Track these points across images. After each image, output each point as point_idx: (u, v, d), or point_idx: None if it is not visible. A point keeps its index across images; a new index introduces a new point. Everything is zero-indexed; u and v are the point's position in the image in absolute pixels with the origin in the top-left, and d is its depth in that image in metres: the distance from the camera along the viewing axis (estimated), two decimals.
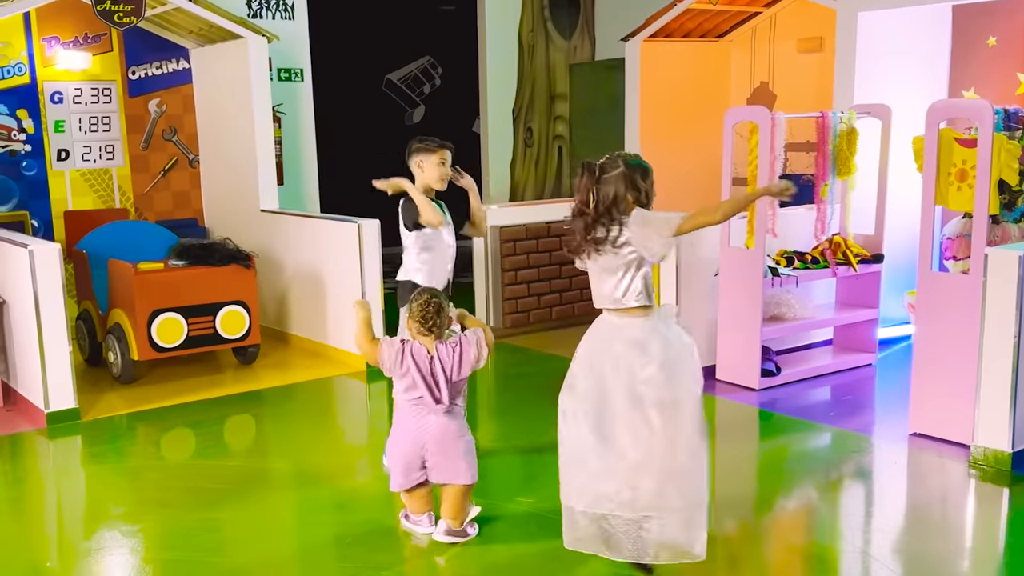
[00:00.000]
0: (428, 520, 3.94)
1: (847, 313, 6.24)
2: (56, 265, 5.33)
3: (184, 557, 3.80)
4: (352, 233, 6.34)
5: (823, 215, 6.02)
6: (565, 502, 3.57)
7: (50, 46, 7.35)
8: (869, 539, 4.01)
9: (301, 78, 8.28)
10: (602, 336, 3.55)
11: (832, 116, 5.93)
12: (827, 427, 5.27)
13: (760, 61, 8.01)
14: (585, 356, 3.56)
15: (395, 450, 3.87)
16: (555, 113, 9.74)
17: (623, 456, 3.43)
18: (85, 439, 5.30)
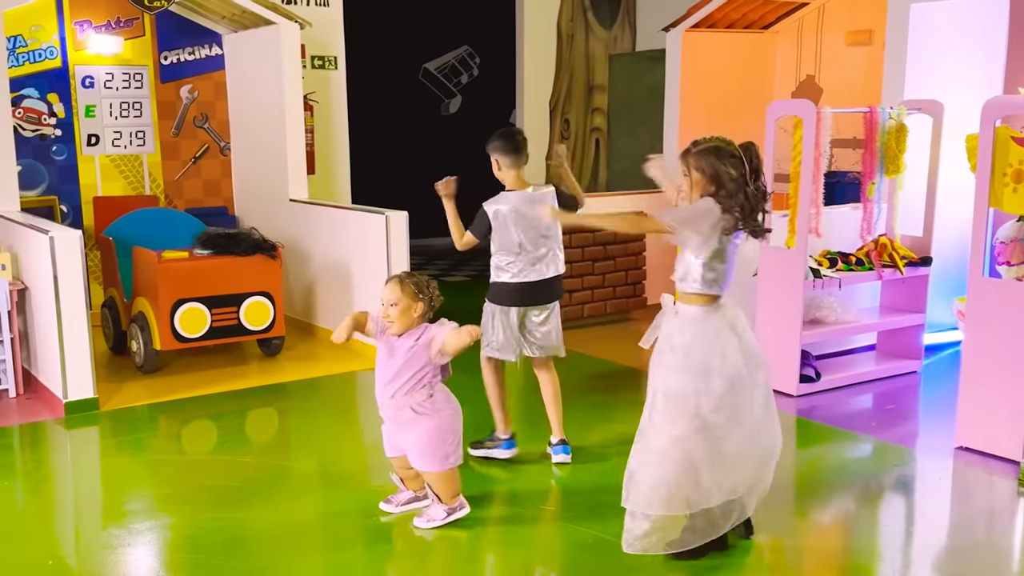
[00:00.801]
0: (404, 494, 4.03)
1: (892, 318, 5.98)
2: (77, 252, 5.25)
3: (198, 559, 3.68)
4: (380, 225, 6.20)
5: (869, 215, 5.76)
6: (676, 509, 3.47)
7: (82, 30, 7.28)
8: (909, 560, 3.79)
9: (335, 66, 8.16)
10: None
11: (881, 112, 5.67)
12: (868, 437, 5.03)
13: (806, 54, 7.75)
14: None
15: (453, 429, 3.92)
16: (593, 105, 9.54)
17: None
18: (103, 430, 5.22)
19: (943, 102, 5.84)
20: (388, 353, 3.83)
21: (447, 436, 3.83)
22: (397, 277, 3.85)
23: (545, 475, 4.54)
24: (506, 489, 4.40)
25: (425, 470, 3.85)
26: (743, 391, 3.53)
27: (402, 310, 3.76)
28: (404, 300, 3.76)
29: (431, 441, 3.81)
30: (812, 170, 5.31)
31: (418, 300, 3.78)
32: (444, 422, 3.83)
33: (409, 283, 3.79)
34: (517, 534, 3.90)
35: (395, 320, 3.77)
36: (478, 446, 4.65)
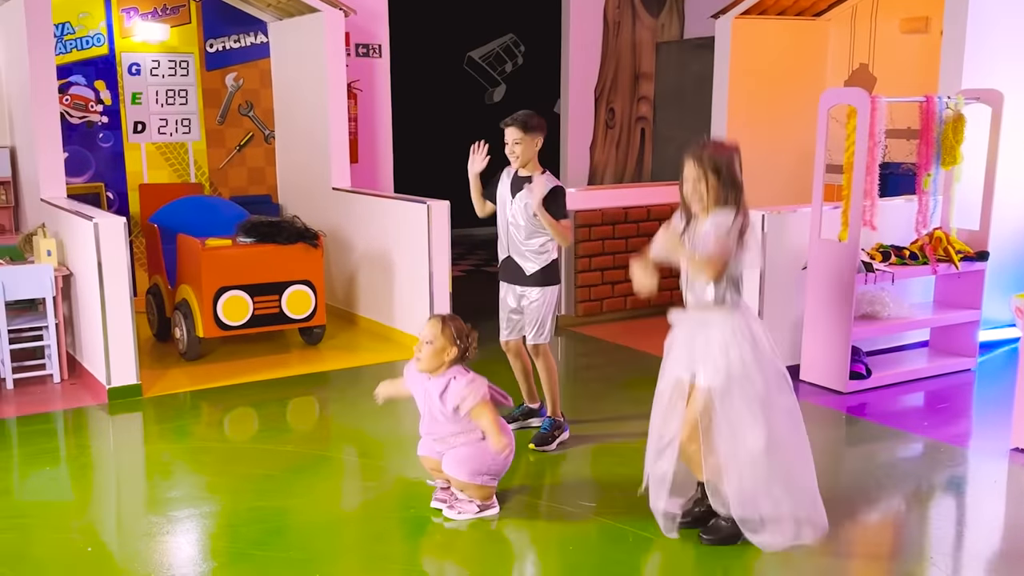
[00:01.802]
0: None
1: (946, 314, 5.80)
2: (121, 239, 5.27)
3: (237, 549, 3.67)
4: (421, 214, 6.15)
5: (924, 208, 5.58)
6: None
7: (129, 17, 7.32)
8: (959, 564, 3.66)
9: (379, 54, 8.12)
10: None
11: (938, 101, 5.49)
12: (919, 437, 4.88)
13: (860, 41, 7.54)
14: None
15: (499, 465, 3.93)
16: (639, 93, 9.40)
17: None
18: (146, 416, 5.24)
19: (1003, 91, 5.65)
20: (422, 396, 3.86)
21: (484, 460, 3.81)
22: (440, 318, 3.84)
23: (585, 470, 4.47)
24: (546, 484, 4.34)
25: (457, 478, 3.83)
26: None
27: (436, 350, 3.76)
28: (440, 341, 3.76)
29: (468, 458, 3.81)
30: (866, 161, 5.15)
31: (454, 345, 3.76)
32: (484, 451, 3.81)
33: (450, 327, 3.78)
34: (555, 530, 3.84)
35: (425, 358, 3.78)
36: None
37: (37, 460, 4.64)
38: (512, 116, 4.49)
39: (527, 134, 4.44)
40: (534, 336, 4.60)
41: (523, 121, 4.45)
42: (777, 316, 5.56)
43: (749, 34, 7.50)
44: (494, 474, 3.89)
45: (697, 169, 3.45)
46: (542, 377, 4.68)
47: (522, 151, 4.45)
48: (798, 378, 5.59)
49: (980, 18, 5.98)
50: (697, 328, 3.56)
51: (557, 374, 4.70)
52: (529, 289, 4.56)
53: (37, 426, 5.08)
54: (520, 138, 4.44)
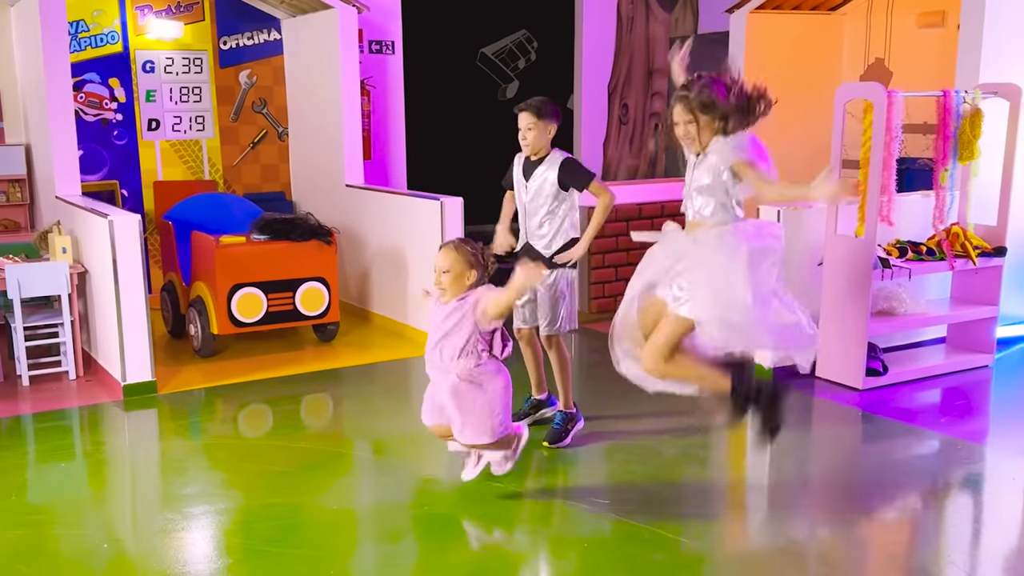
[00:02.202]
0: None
1: (963, 310, 5.76)
2: (136, 236, 5.28)
3: (251, 546, 3.68)
4: (434, 211, 6.14)
5: (941, 203, 5.54)
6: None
7: (142, 15, 7.34)
8: (976, 562, 3.63)
9: (392, 50, 8.11)
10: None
11: (955, 96, 5.44)
12: (936, 434, 4.85)
13: (876, 36, 7.48)
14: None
15: (501, 400, 3.87)
16: (653, 89, 9.36)
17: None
18: (161, 413, 5.26)
19: (1021, 86, 5.59)
20: (438, 316, 3.78)
21: (494, 409, 3.75)
22: (451, 243, 3.79)
23: (600, 468, 4.46)
24: (561, 481, 4.33)
25: (477, 442, 3.78)
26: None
27: (455, 276, 3.71)
28: (457, 266, 3.71)
29: (476, 414, 3.73)
30: (883, 156, 5.12)
31: (471, 268, 3.71)
32: (488, 396, 3.74)
33: (464, 249, 3.73)
34: (571, 528, 3.83)
35: (447, 287, 3.73)
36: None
37: (53, 456, 4.66)
38: (526, 102, 4.47)
39: (540, 120, 4.42)
40: (547, 326, 4.56)
41: (537, 107, 4.43)
42: None
43: (764, 29, 7.46)
44: (505, 413, 3.81)
45: (684, 113, 3.70)
46: (555, 368, 4.65)
47: (534, 137, 4.44)
48: (814, 375, 5.57)
49: (998, 12, 5.92)
50: (687, 246, 3.69)
51: (571, 367, 4.68)
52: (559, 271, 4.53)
53: (53, 422, 5.10)
54: (533, 123, 4.42)
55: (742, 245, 3.66)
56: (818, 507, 4.08)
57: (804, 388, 5.45)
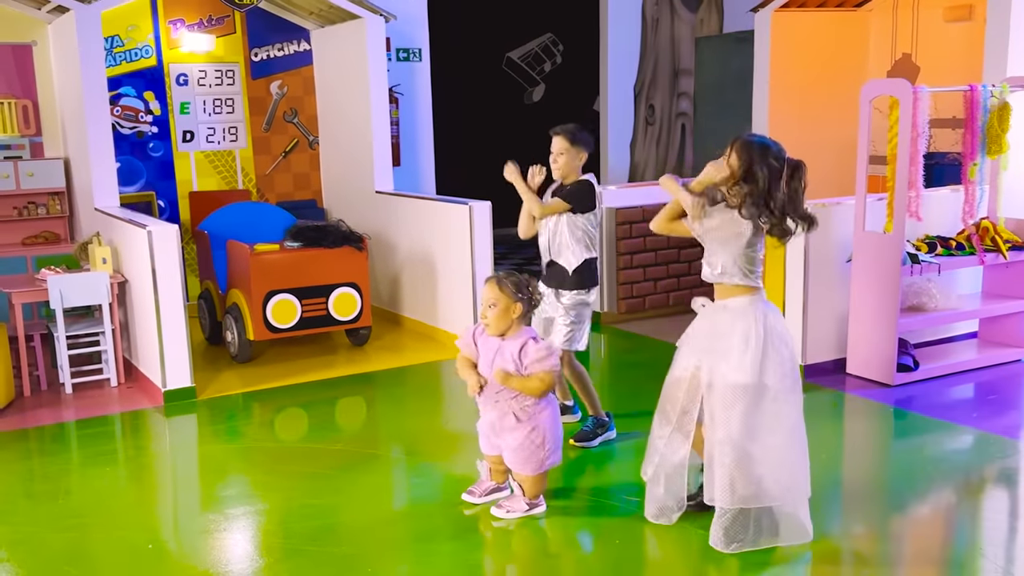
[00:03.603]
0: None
1: (995, 304, 5.74)
2: (174, 246, 5.40)
3: (290, 545, 3.76)
4: (463, 215, 6.22)
5: (971, 197, 5.53)
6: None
7: (175, 29, 7.49)
8: (1012, 556, 3.64)
9: (419, 58, 8.21)
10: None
11: (982, 90, 5.43)
12: (969, 429, 4.84)
13: (902, 31, 7.47)
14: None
15: (552, 433, 3.94)
16: (679, 89, 9.39)
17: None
18: (201, 418, 5.37)
19: None
20: (488, 350, 3.84)
21: (546, 442, 3.85)
22: (495, 278, 3.84)
23: (628, 466, 4.49)
24: (590, 480, 4.38)
25: (521, 472, 3.88)
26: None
27: (501, 311, 3.77)
28: (503, 301, 3.77)
29: (530, 447, 3.83)
30: (910, 151, 5.12)
31: (517, 301, 3.78)
32: (542, 427, 3.84)
33: (508, 283, 3.79)
34: (601, 525, 3.87)
35: (492, 322, 3.79)
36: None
37: (96, 461, 4.78)
38: (562, 126, 4.53)
39: (573, 146, 4.49)
40: (561, 341, 4.59)
41: (572, 133, 4.50)
42: (823, 309, 5.54)
43: (789, 27, 7.47)
44: (556, 444, 3.88)
45: (729, 148, 3.49)
46: (575, 384, 4.72)
47: (564, 162, 4.50)
48: (845, 371, 5.58)
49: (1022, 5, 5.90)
50: (717, 316, 3.57)
51: (587, 377, 4.71)
52: (564, 292, 4.59)
53: (96, 429, 5.23)
54: (565, 149, 4.48)
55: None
56: (851, 503, 4.10)
57: (835, 384, 5.46)
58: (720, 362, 3.49)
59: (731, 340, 3.48)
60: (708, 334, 3.57)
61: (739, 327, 3.47)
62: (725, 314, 3.52)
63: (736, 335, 3.47)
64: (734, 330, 3.48)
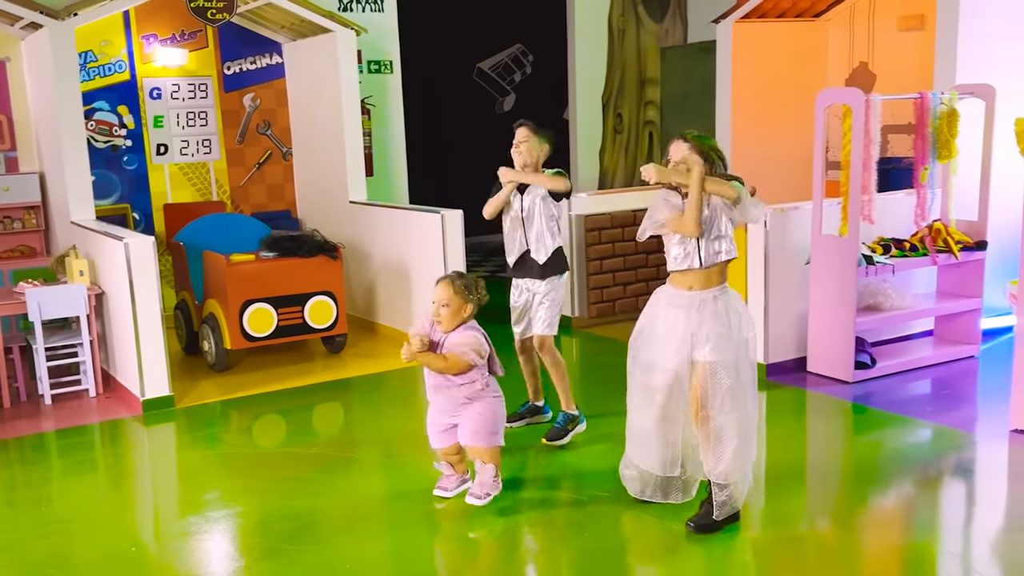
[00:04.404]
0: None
1: (948, 303, 5.96)
2: (151, 257, 5.51)
3: (271, 544, 3.88)
4: (436, 223, 6.37)
5: (923, 201, 5.76)
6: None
7: (148, 44, 7.59)
8: (967, 541, 3.82)
9: (391, 70, 8.35)
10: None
11: (932, 97, 5.65)
12: (925, 422, 5.04)
13: (859, 41, 7.71)
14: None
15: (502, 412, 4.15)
16: (645, 98, 9.59)
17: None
18: (179, 426, 5.48)
19: (997, 86, 5.80)
20: (440, 349, 4.04)
21: (496, 417, 4.09)
22: (448, 279, 4.05)
23: (599, 461, 4.65)
24: (562, 474, 4.53)
25: (474, 445, 4.06)
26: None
27: (453, 311, 4.00)
28: (456, 301, 3.98)
29: (483, 419, 4.04)
30: (863, 157, 5.33)
31: (468, 302, 3.99)
32: (494, 405, 4.08)
33: (460, 285, 4.01)
34: (572, 517, 4.03)
35: (444, 321, 4.00)
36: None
37: (77, 470, 4.88)
38: (527, 119, 4.79)
39: (535, 135, 4.69)
40: (543, 327, 4.77)
41: (534, 125, 4.75)
42: (783, 310, 5.73)
43: (750, 37, 7.68)
44: (502, 423, 4.12)
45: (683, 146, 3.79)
46: (552, 372, 4.86)
47: (526, 149, 4.70)
48: (805, 369, 5.77)
49: (972, 14, 6.13)
50: (694, 307, 3.76)
51: (564, 368, 4.89)
52: (539, 282, 4.76)
53: (75, 438, 5.32)
54: (527, 136, 4.69)
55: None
56: (813, 495, 4.27)
57: (796, 382, 5.65)
58: (707, 347, 3.71)
59: (714, 326, 3.71)
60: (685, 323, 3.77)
61: (719, 313, 3.72)
62: (710, 304, 3.74)
63: (717, 320, 3.72)
64: (716, 316, 3.72)
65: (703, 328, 3.72)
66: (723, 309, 3.73)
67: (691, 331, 3.74)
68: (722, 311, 3.73)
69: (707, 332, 3.72)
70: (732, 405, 3.72)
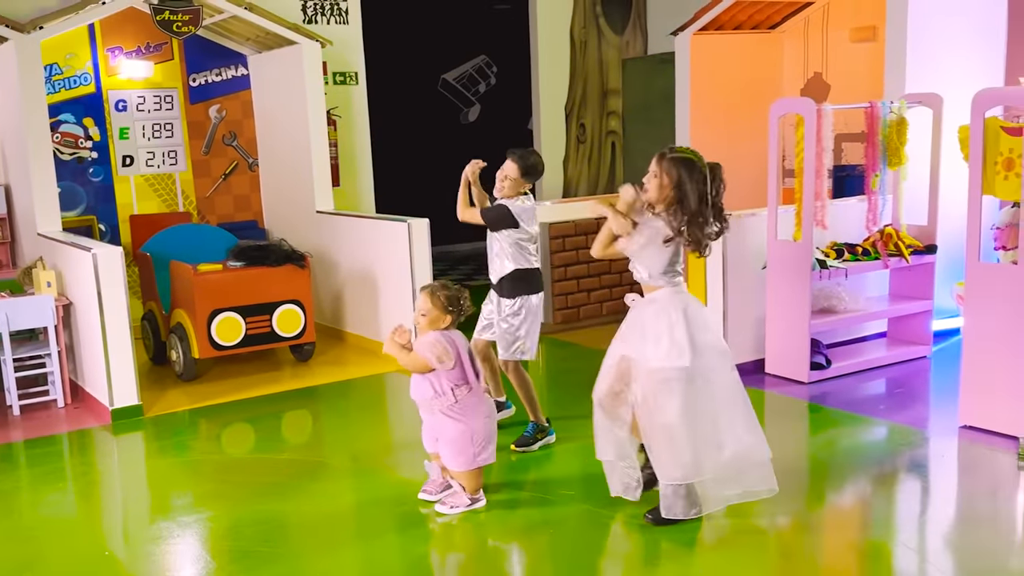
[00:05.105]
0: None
1: (900, 305, 6.16)
2: (119, 268, 5.56)
3: (242, 547, 3.95)
4: (402, 232, 6.46)
5: (874, 206, 5.95)
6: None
7: (114, 56, 7.62)
8: (921, 534, 3.98)
9: (356, 81, 8.44)
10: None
11: (881, 106, 5.85)
12: (879, 420, 5.21)
13: (813, 51, 7.92)
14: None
15: (483, 432, 4.14)
16: (608, 109, 9.75)
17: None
18: (148, 434, 5.51)
19: (946, 94, 6.02)
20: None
21: (475, 438, 4.12)
22: (430, 288, 4.13)
23: (566, 464, 4.76)
24: (530, 477, 4.64)
25: (452, 468, 4.14)
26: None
27: (431, 320, 4.08)
28: (434, 312, 4.06)
29: (458, 443, 4.11)
30: (815, 165, 5.51)
31: (447, 313, 4.07)
32: (473, 425, 4.12)
33: (441, 296, 4.09)
34: (538, 517, 4.13)
35: (422, 328, 4.08)
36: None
37: (47, 479, 4.90)
38: (521, 153, 4.79)
39: (522, 177, 4.77)
40: (504, 352, 4.87)
41: (525, 162, 4.74)
42: (741, 314, 5.89)
43: (708, 49, 7.87)
44: (485, 442, 4.14)
45: (656, 166, 3.84)
46: (518, 391, 4.95)
47: (508, 187, 4.77)
48: (763, 371, 5.93)
49: (920, 26, 6.34)
50: (643, 307, 3.91)
51: (530, 385, 4.95)
52: (504, 300, 4.87)
53: (44, 448, 5.34)
54: (514, 177, 4.74)
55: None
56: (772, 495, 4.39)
57: (756, 383, 5.81)
58: (648, 351, 3.82)
59: (658, 330, 3.82)
60: (634, 325, 3.91)
61: (663, 318, 3.82)
62: (651, 307, 3.88)
63: (661, 325, 3.81)
64: (659, 321, 3.82)
65: (637, 330, 3.88)
66: (660, 312, 3.85)
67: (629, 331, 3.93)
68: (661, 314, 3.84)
69: (640, 334, 3.87)
70: (657, 406, 3.83)
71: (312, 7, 8.16)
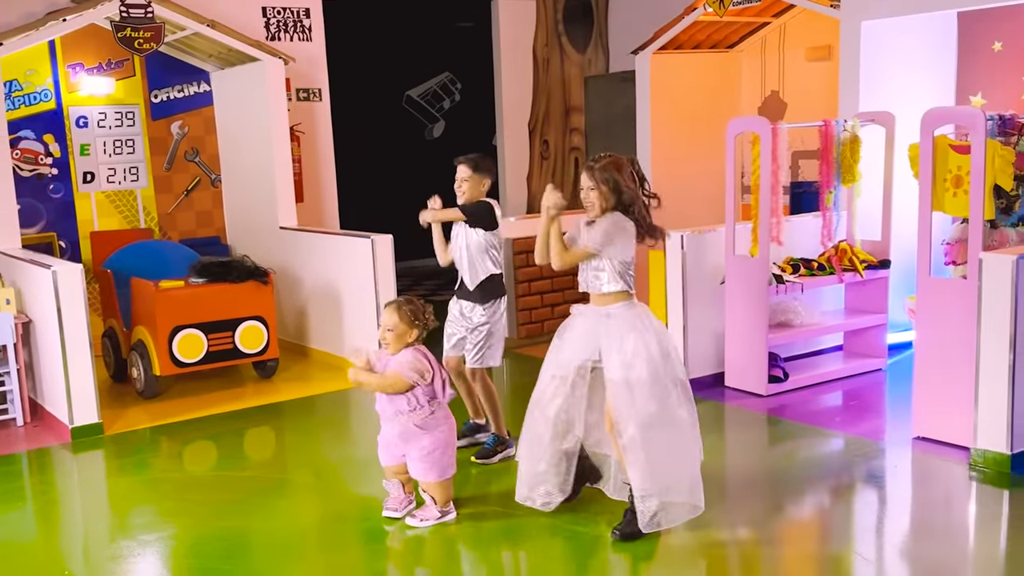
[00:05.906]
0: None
1: (855, 319, 6.28)
2: (79, 285, 5.53)
3: (204, 564, 3.95)
4: (366, 248, 6.49)
5: (828, 222, 6.08)
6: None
7: (75, 72, 7.59)
8: (878, 544, 4.06)
9: (319, 98, 8.46)
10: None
11: (836, 124, 5.99)
12: (835, 432, 5.31)
13: (770, 70, 8.08)
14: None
15: (453, 443, 4.25)
16: (571, 125, 9.85)
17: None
18: (108, 452, 5.48)
19: (898, 113, 6.17)
20: (381, 371, 4.15)
21: (447, 449, 4.18)
22: (396, 303, 4.19)
23: None
24: (492, 490, 4.67)
25: (425, 479, 4.16)
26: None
27: (398, 335, 4.13)
28: (401, 326, 4.11)
29: (432, 457, 4.14)
30: (771, 182, 5.62)
31: (414, 327, 4.12)
32: (444, 436, 4.17)
33: (407, 310, 4.14)
34: (500, 528, 4.17)
35: (391, 343, 4.12)
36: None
37: (5, 499, 4.84)
38: (467, 155, 4.91)
39: (475, 173, 4.86)
40: (473, 360, 4.93)
41: (474, 162, 4.88)
42: (701, 328, 5.98)
43: (667, 68, 8.00)
44: (454, 452, 4.22)
45: (590, 180, 3.95)
46: (483, 400, 5.01)
47: (468, 188, 4.86)
48: (723, 384, 6.02)
49: (873, 46, 6.49)
50: (600, 320, 3.96)
51: (496, 396, 5.02)
52: (477, 306, 4.91)
53: (2, 468, 5.28)
54: (468, 176, 4.85)
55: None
56: (732, 504, 4.43)
57: (715, 396, 5.90)
58: (615, 363, 3.89)
59: (623, 342, 3.88)
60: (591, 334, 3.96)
61: (627, 330, 3.89)
62: (612, 320, 3.93)
63: (626, 337, 3.88)
64: (623, 333, 3.89)
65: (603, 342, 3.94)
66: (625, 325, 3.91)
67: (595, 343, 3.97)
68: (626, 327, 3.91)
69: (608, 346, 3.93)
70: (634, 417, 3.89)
71: (275, 24, 8.18)
